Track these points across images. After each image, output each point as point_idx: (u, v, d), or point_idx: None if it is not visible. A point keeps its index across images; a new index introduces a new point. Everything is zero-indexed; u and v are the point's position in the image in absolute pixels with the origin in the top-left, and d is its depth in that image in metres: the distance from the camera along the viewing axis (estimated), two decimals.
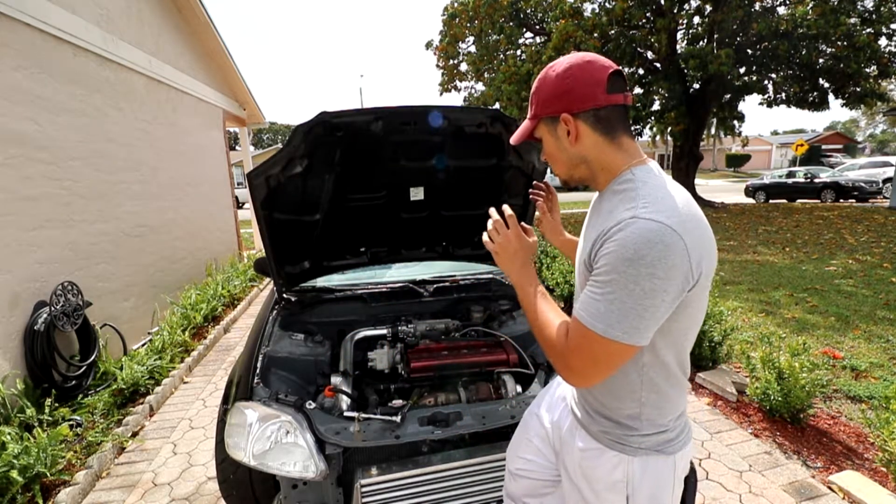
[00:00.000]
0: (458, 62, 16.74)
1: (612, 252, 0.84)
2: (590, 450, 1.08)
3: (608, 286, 0.84)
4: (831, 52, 11.82)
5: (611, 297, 0.84)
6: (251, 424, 1.54)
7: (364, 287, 2.54)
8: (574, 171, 1.03)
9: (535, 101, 1.01)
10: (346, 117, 1.80)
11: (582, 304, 0.90)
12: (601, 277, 0.86)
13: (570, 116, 0.95)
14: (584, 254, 0.96)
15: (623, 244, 0.82)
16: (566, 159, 1.02)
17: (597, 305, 0.86)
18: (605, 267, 0.85)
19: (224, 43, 7.17)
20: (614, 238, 0.85)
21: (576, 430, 1.14)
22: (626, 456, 1.03)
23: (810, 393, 2.72)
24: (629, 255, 0.81)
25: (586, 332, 0.87)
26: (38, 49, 3.48)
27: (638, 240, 0.81)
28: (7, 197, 3.12)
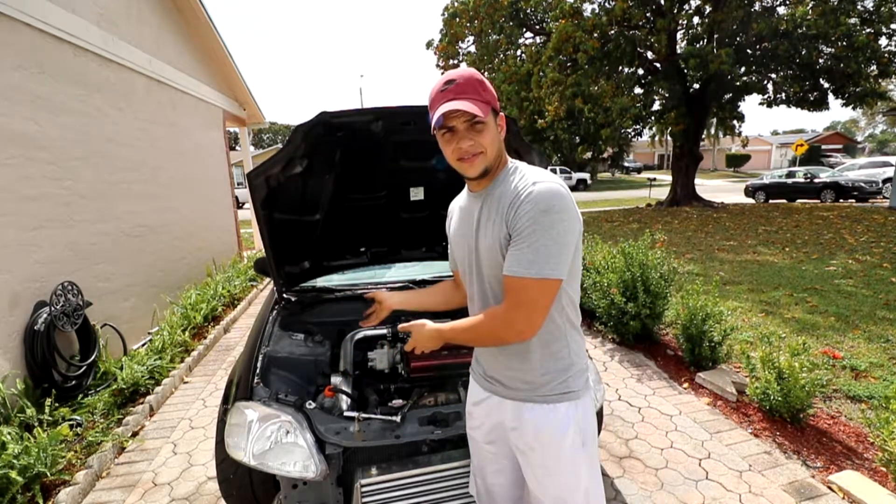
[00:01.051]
0: (459, 62, 16.74)
1: (528, 211, 1.03)
2: (542, 415, 1.18)
3: (531, 237, 1.02)
4: (831, 52, 11.82)
5: (536, 245, 1.02)
6: (251, 424, 1.54)
7: (364, 287, 2.54)
8: (496, 160, 1.15)
9: (488, 91, 1.12)
10: (346, 117, 1.80)
11: (510, 263, 1.06)
12: (524, 233, 1.03)
13: (503, 116, 1.19)
14: (499, 234, 1.10)
15: (535, 202, 1.03)
16: (498, 147, 1.15)
17: (526, 256, 1.03)
18: (525, 224, 1.03)
19: (224, 43, 7.17)
20: (525, 201, 1.04)
21: (521, 409, 1.21)
22: (572, 402, 1.20)
23: (810, 393, 2.72)
24: (543, 207, 1.02)
25: (522, 283, 1.04)
26: (38, 49, 3.48)
27: (546, 195, 1.03)
28: (7, 197, 3.12)
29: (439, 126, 1.12)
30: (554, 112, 13.57)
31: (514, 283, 1.06)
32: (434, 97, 1.14)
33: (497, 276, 1.14)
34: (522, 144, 2.05)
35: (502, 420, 1.27)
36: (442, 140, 1.15)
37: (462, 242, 1.27)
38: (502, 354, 1.23)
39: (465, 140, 1.10)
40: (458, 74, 1.11)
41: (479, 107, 1.07)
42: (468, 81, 1.09)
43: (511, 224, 1.06)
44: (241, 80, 8.14)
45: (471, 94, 1.08)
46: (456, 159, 1.14)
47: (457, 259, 1.35)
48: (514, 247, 1.05)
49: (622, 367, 3.81)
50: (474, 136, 1.10)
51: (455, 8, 15.08)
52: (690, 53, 11.72)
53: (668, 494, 2.33)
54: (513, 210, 1.06)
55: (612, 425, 2.95)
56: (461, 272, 1.33)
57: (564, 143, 20.06)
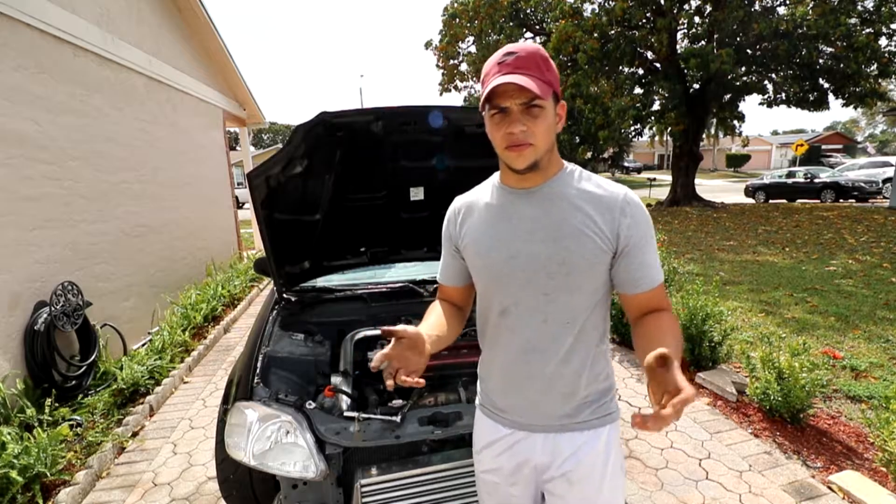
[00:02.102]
0: (459, 62, 16.75)
1: (640, 218, 1.00)
2: (583, 444, 1.08)
3: (651, 243, 1.01)
4: (831, 52, 11.82)
5: (655, 249, 1.03)
6: (251, 424, 1.54)
7: (364, 287, 2.54)
8: (547, 154, 1.00)
9: (551, 71, 0.96)
10: (346, 117, 1.80)
11: (652, 269, 1.01)
12: (647, 240, 1.00)
13: (565, 105, 1.02)
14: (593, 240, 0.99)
15: (642, 209, 1.01)
16: (552, 139, 1.00)
17: (656, 262, 1.02)
18: (643, 231, 1.00)
19: (224, 43, 7.17)
20: (635, 208, 1.00)
21: (557, 441, 1.08)
22: (611, 424, 1.11)
23: (810, 393, 2.72)
24: (648, 215, 1.02)
25: (663, 289, 1.04)
26: (38, 49, 3.48)
27: (642, 204, 1.03)
28: (7, 197, 3.12)
29: (489, 105, 0.95)
30: None
31: (662, 289, 1.03)
32: (488, 70, 0.96)
33: (569, 283, 1.00)
34: None
35: (529, 458, 1.10)
36: (490, 123, 0.97)
37: (498, 247, 1.05)
38: (537, 380, 1.06)
39: (517, 124, 0.93)
40: (520, 47, 0.95)
41: (538, 85, 0.91)
42: (531, 56, 0.93)
43: (624, 230, 0.98)
44: (241, 79, 8.14)
45: (532, 70, 0.92)
46: (504, 147, 0.97)
47: (479, 268, 1.10)
48: (644, 255, 0.99)
49: (622, 367, 3.81)
50: (528, 121, 0.93)
51: (455, 8, 15.09)
52: (691, 53, 11.73)
53: (668, 494, 2.33)
54: (622, 215, 0.98)
55: None
56: (491, 277, 1.07)
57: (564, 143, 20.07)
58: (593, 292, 1.03)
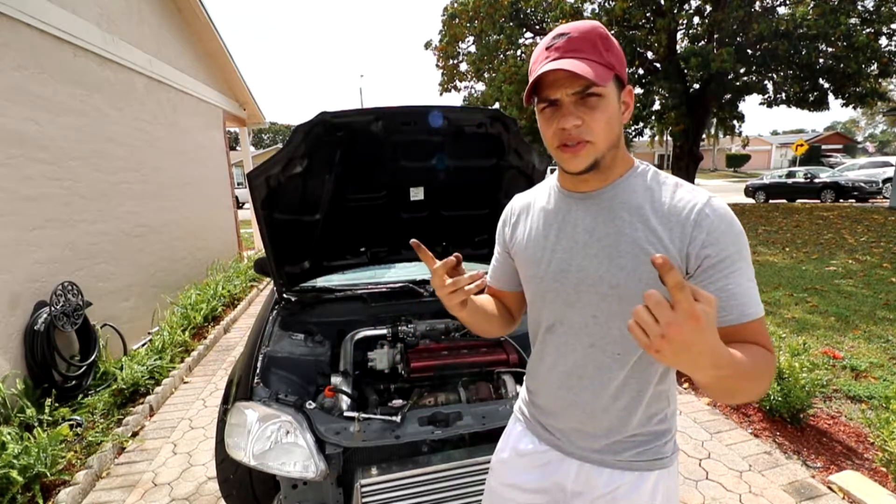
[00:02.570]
0: (458, 62, 16.74)
1: (726, 231, 0.78)
2: (621, 486, 0.92)
3: (739, 263, 0.77)
4: (831, 52, 11.81)
5: (750, 274, 0.79)
6: (251, 424, 1.54)
7: (364, 287, 2.54)
8: (610, 151, 0.84)
9: (615, 51, 0.81)
10: (346, 117, 1.80)
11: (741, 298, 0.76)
12: (734, 260, 0.77)
13: (632, 90, 0.84)
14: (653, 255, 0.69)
15: (729, 221, 0.79)
16: (617, 133, 0.83)
17: (752, 288, 0.78)
18: (727, 249, 0.77)
19: (224, 43, 7.17)
20: (714, 218, 0.78)
21: (592, 473, 0.95)
22: (664, 470, 0.93)
23: (810, 393, 2.72)
24: (739, 228, 0.79)
25: (764, 320, 0.80)
26: (38, 49, 3.48)
27: (732, 214, 0.80)
28: (7, 197, 3.12)
29: (538, 97, 0.82)
30: None
31: (759, 325, 0.78)
32: (537, 56, 0.82)
33: (622, 309, 0.84)
34: (522, 144, 2.05)
35: (561, 482, 0.99)
36: (541, 118, 0.84)
37: (549, 258, 0.93)
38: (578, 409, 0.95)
39: (570, 118, 0.79)
40: (573, 27, 0.80)
41: (595, 70, 0.76)
42: (586, 36, 0.79)
43: (697, 247, 0.78)
44: (241, 80, 8.14)
45: (588, 52, 0.78)
46: (556, 146, 0.83)
47: (528, 278, 0.99)
48: (730, 280, 0.77)
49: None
50: (585, 112, 0.79)
51: (454, 9, 15.08)
52: (691, 53, 11.72)
53: None
54: (696, 229, 0.78)
55: None
56: (538, 290, 0.97)
57: None
58: None
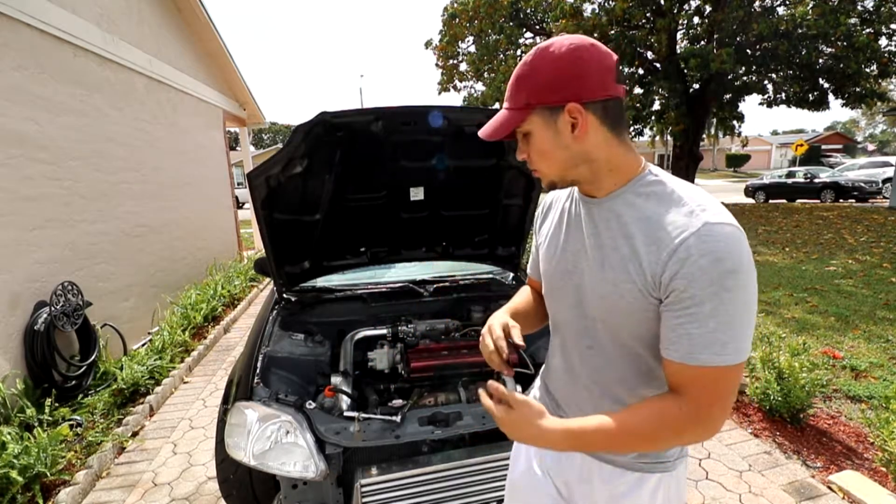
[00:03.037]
0: (458, 62, 16.73)
1: (707, 269, 0.70)
2: (622, 484, 0.93)
3: (710, 305, 0.70)
4: (831, 52, 11.81)
5: (724, 318, 0.70)
6: (251, 424, 1.54)
7: (364, 287, 2.54)
8: (569, 173, 0.86)
9: (527, 86, 0.82)
10: (346, 117, 1.80)
11: (693, 346, 0.72)
12: (705, 301, 0.70)
13: (580, 106, 0.79)
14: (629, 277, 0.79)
15: (717, 256, 0.69)
16: (565, 158, 0.84)
17: (717, 336, 0.71)
18: (705, 289, 0.70)
19: (224, 43, 7.17)
20: (699, 253, 0.70)
21: (593, 468, 0.96)
22: (667, 473, 0.92)
23: (810, 393, 2.72)
24: (730, 266, 0.69)
25: (719, 374, 0.72)
26: (38, 49, 3.48)
27: (730, 248, 0.70)
28: (7, 197, 3.12)
29: None
30: None
31: (703, 374, 0.73)
32: None
33: (608, 321, 0.86)
34: None
35: (568, 470, 1.03)
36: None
37: (559, 257, 0.96)
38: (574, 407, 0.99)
39: (520, 153, 0.90)
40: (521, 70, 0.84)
41: (502, 121, 0.85)
42: (511, 81, 0.86)
43: (668, 278, 0.74)
44: (241, 80, 8.14)
45: (509, 98, 0.86)
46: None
47: (542, 272, 1.03)
48: (689, 319, 0.72)
49: None
50: (525, 148, 0.88)
51: (454, 9, 15.07)
52: (691, 53, 11.72)
53: None
54: (672, 259, 0.73)
55: None
56: (548, 287, 1.01)
57: None
58: (641, 338, 0.83)
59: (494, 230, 2.52)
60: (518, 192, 2.34)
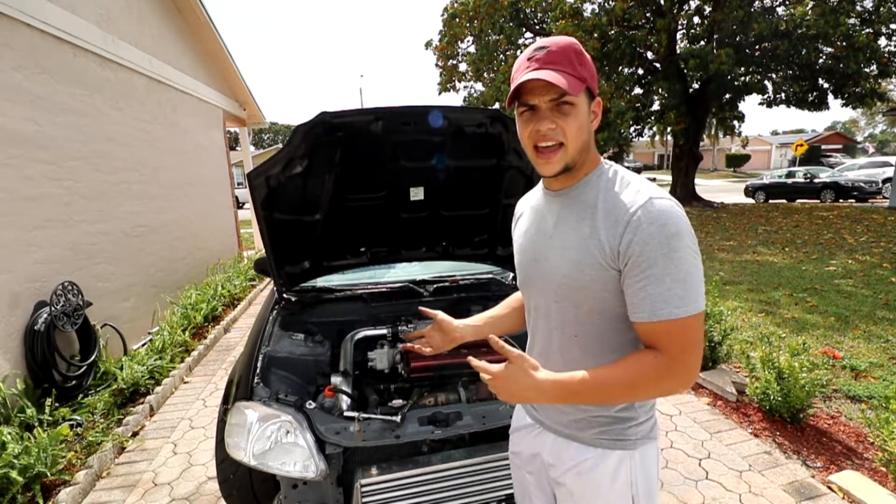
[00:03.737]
0: (458, 62, 16.74)
1: (656, 235, 0.83)
2: (586, 459, 1.02)
3: (669, 266, 0.83)
4: (831, 52, 11.82)
5: (676, 275, 0.83)
6: (251, 424, 1.54)
7: (364, 287, 2.54)
8: (580, 154, 0.95)
9: (586, 67, 0.91)
10: (346, 117, 1.80)
11: (656, 303, 0.84)
12: (657, 263, 0.83)
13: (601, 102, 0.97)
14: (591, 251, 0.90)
15: (663, 223, 0.83)
16: (584, 140, 0.93)
17: (674, 291, 0.83)
18: (655, 251, 0.83)
19: (224, 43, 7.17)
20: (648, 222, 0.84)
21: (561, 446, 1.06)
22: (628, 451, 1.00)
23: (810, 393, 2.72)
24: (673, 230, 0.83)
25: (683, 324, 0.84)
26: (38, 49, 3.48)
27: (672, 216, 0.84)
28: (7, 197, 3.12)
29: (518, 101, 0.93)
30: None
31: (670, 327, 0.84)
32: (518, 65, 0.93)
33: (572, 298, 0.95)
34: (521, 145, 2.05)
35: (540, 452, 1.12)
36: (520, 120, 0.95)
37: (529, 249, 1.07)
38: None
39: (546, 122, 0.90)
40: (552, 41, 0.91)
41: (569, 81, 0.87)
42: (563, 51, 0.89)
43: (625, 247, 0.86)
44: (241, 80, 8.14)
45: (563, 65, 0.88)
46: (532, 146, 0.94)
47: (517, 264, 1.14)
48: (645, 280, 0.84)
49: None
50: (558, 118, 0.90)
51: (455, 9, 15.08)
52: (691, 53, 11.73)
53: (668, 494, 2.33)
54: (626, 230, 0.86)
55: None
56: (520, 280, 1.13)
57: None
58: (599, 312, 0.94)
59: (494, 230, 2.52)
60: (518, 192, 2.31)
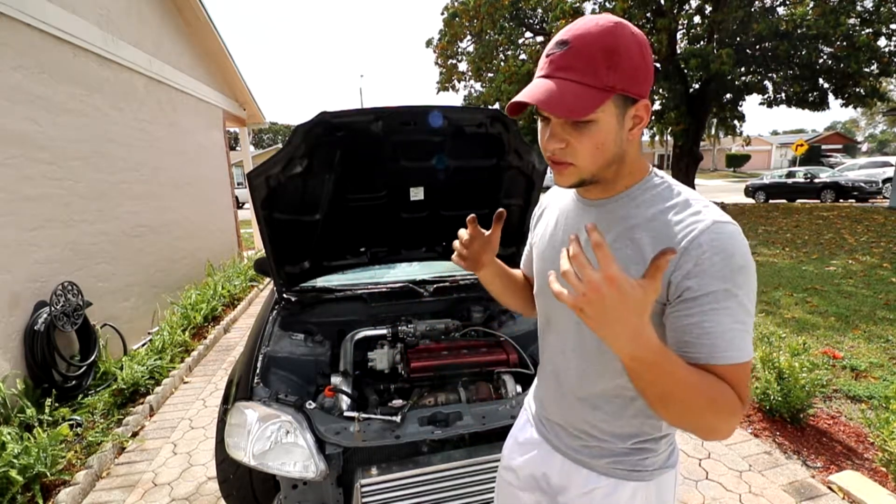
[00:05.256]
0: (458, 61, 16.74)
1: (717, 264, 0.69)
2: (598, 489, 0.93)
3: (725, 301, 0.70)
4: (831, 52, 11.82)
5: (738, 315, 0.70)
6: (251, 424, 1.54)
7: (364, 287, 2.54)
8: (604, 171, 0.80)
9: (619, 66, 0.71)
10: (346, 117, 1.80)
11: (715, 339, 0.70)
12: (718, 297, 0.70)
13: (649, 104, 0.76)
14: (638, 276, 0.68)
15: (728, 252, 0.70)
16: (612, 154, 0.77)
17: (734, 329, 0.70)
18: (713, 282, 0.70)
19: (224, 43, 7.17)
20: (706, 248, 0.70)
21: (572, 470, 0.97)
22: (644, 483, 0.91)
23: (810, 393, 2.72)
24: (741, 262, 0.70)
25: (745, 368, 0.71)
26: (38, 49, 3.48)
27: (738, 245, 0.71)
28: (7, 197, 3.12)
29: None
30: None
31: (734, 371, 0.71)
32: (540, 64, 0.78)
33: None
34: (522, 144, 2.06)
35: (547, 472, 1.02)
36: (539, 126, 0.82)
37: (551, 256, 0.95)
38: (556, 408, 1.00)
39: (554, 140, 0.77)
40: (576, 33, 0.72)
41: (579, 99, 0.70)
42: (588, 49, 0.71)
43: (679, 278, 0.72)
44: (240, 80, 8.14)
45: (581, 71, 0.71)
46: (547, 157, 0.82)
47: (536, 271, 1.03)
48: (702, 316, 0.70)
49: None
50: (571, 135, 0.75)
51: (455, 8, 15.08)
52: (691, 53, 11.72)
53: None
54: (683, 258, 0.72)
55: None
56: (540, 284, 1.01)
57: None
58: None
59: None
60: (518, 193, 2.34)
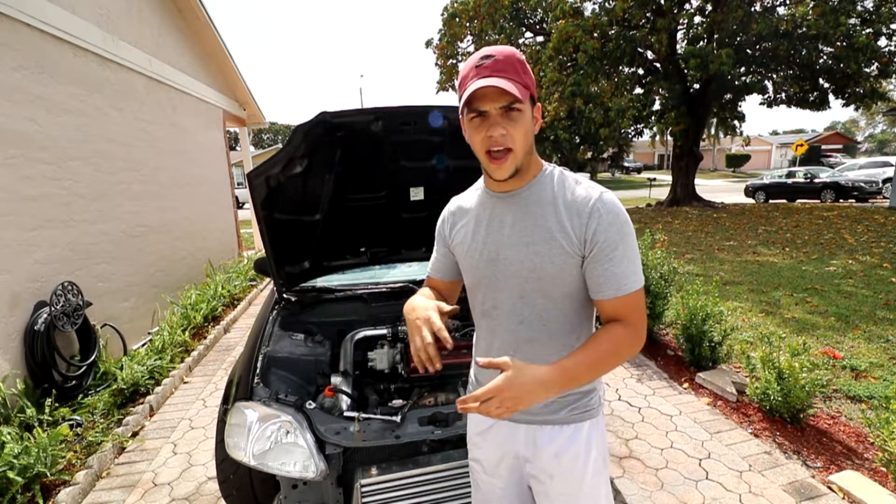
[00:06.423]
0: (458, 61, 16.74)
1: (612, 221, 0.97)
2: (564, 439, 1.10)
3: (621, 247, 0.97)
4: (831, 52, 11.82)
5: (630, 255, 0.98)
6: (251, 424, 1.54)
7: (364, 287, 2.54)
8: (527, 158, 1.02)
9: (528, 75, 0.97)
10: (346, 117, 1.81)
11: (619, 280, 0.97)
12: (616, 246, 0.97)
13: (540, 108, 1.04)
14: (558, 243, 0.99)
15: (616, 212, 0.98)
16: (530, 142, 1.01)
17: (629, 268, 0.98)
18: (614, 236, 0.97)
19: (224, 43, 7.17)
20: (605, 212, 0.97)
21: (537, 434, 1.11)
22: (594, 419, 1.12)
23: (810, 393, 2.72)
24: (624, 218, 0.99)
25: (637, 296, 0.99)
26: (38, 49, 3.48)
27: (620, 207, 1.00)
28: (7, 197, 3.12)
29: (468, 108, 0.96)
30: (553, 112, 13.57)
31: (632, 299, 0.98)
32: (466, 73, 0.97)
33: (541, 288, 1.03)
34: None
35: (514, 449, 1.15)
36: (470, 127, 0.99)
37: (483, 250, 1.09)
38: None
39: (497, 127, 0.94)
40: (497, 50, 0.95)
41: (517, 89, 0.91)
42: (508, 59, 0.94)
43: (590, 234, 0.97)
44: (241, 80, 8.14)
45: (510, 73, 0.93)
46: (485, 151, 0.98)
47: (466, 269, 1.16)
48: (609, 262, 0.97)
49: (622, 367, 3.81)
50: (507, 124, 0.95)
51: (455, 8, 15.09)
52: (691, 53, 11.72)
53: (668, 494, 2.33)
54: (590, 219, 0.97)
55: (612, 425, 2.95)
56: (475, 279, 1.14)
57: (565, 143, 20.09)
58: (566, 296, 1.04)
59: None
60: None
